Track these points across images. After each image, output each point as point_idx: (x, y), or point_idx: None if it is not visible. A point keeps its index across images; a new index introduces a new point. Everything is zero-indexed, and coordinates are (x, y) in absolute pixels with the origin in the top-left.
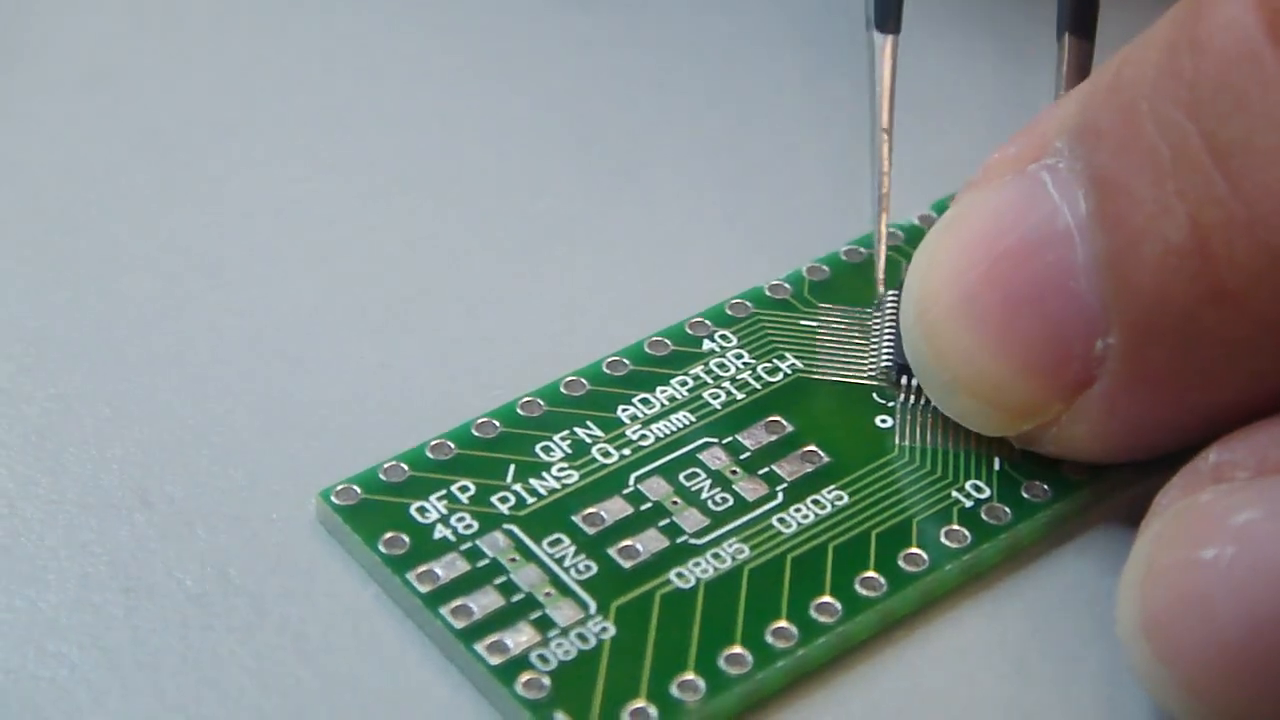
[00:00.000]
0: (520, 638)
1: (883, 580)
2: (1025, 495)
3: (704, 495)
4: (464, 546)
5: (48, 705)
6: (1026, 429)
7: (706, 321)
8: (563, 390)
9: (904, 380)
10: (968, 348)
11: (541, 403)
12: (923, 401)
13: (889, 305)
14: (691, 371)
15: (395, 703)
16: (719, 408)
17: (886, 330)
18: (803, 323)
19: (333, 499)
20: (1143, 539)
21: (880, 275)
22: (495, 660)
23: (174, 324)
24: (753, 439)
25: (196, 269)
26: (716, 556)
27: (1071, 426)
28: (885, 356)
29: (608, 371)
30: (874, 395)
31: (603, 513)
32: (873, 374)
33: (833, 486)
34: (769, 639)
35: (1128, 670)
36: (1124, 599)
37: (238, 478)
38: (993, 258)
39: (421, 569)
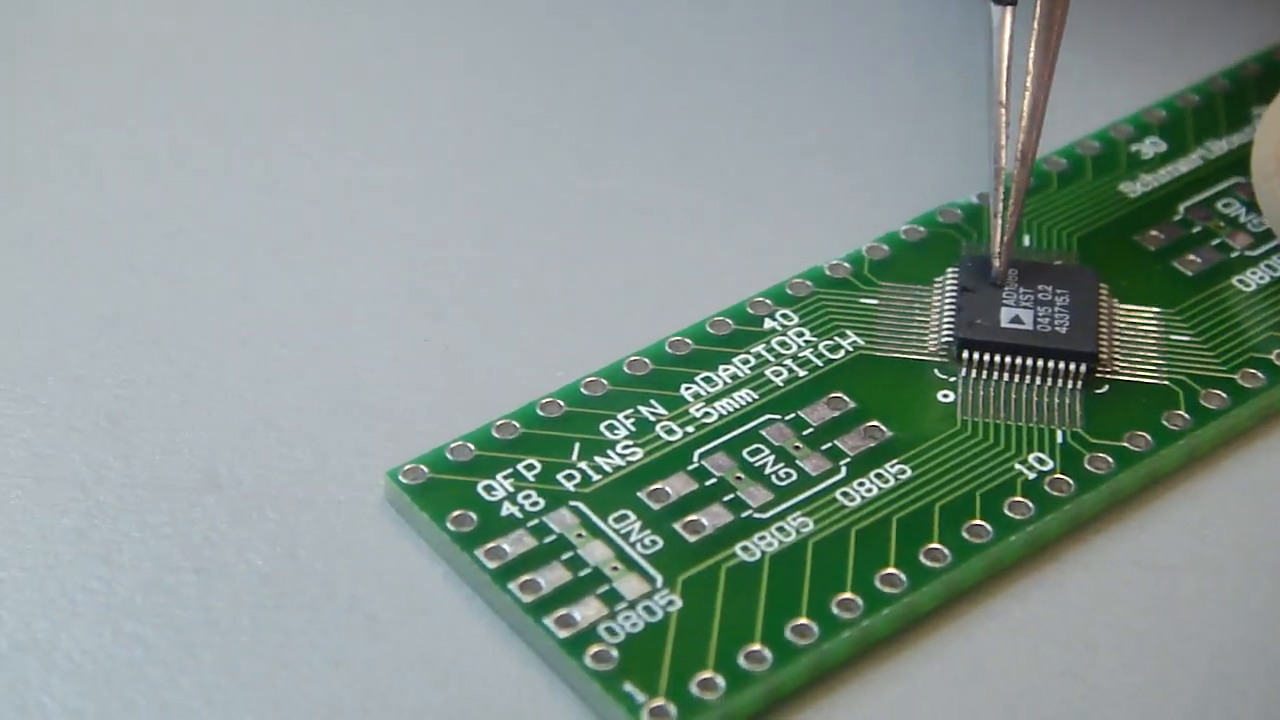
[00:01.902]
0: (588, 611)
1: (947, 552)
2: (1088, 467)
3: (768, 470)
4: (531, 523)
5: (124, 684)
6: None
7: (768, 301)
8: (626, 370)
9: (965, 355)
10: None
11: (605, 382)
12: (984, 375)
13: (950, 281)
14: (753, 350)
15: (464, 677)
16: (781, 385)
17: (948, 306)
18: (863, 301)
19: (401, 478)
20: None
21: (996, 249)
22: (563, 634)
23: (241, 309)
24: (815, 415)
25: (263, 254)
26: (781, 530)
27: None
28: (947, 331)
29: (670, 351)
30: (935, 371)
31: (667, 489)
32: (934, 349)
33: (895, 461)
34: (835, 610)
35: (1261, 208)
36: (1262, 142)
37: (306, 460)
38: None
39: (489, 545)
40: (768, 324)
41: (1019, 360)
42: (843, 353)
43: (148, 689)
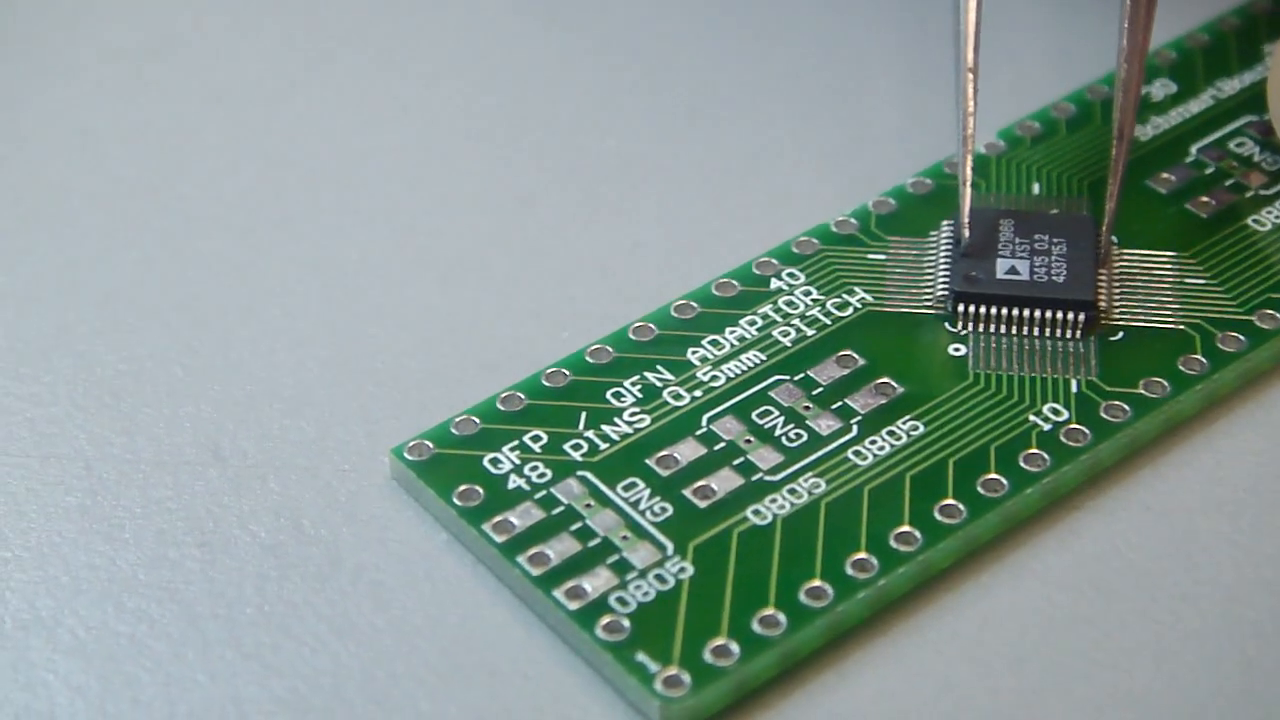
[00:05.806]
0: (598, 581)
1: (962, 507)
2: (1104, 416)
3: (778, 432)
4: (538, 495)
5: (128, 660)
6: None
7: (773, 260)
8: (631, 336)
9: (961, 308)
10: None
11: (610, 349)
12: (988, 329)
13: (945, 235)
14: (760, 311)
15: (471, 647)
16: (789, 345)
17: (942, 259)
18: (870, 257)
19: (406, 455)
20: None
21: (965, 215)
22: (574, 605)
23: (243, 281)
24: (825, 374)
25: (264, 225)
26: (793, 492)
27: None
28: (941, 285)
29: (676, 315)
30: (945, 325)
31: (676, 455)
32: (930, 303)
33: (908, 417)
34: (849, 570)
35: (1276, 131)
36: (1277, 65)
37: (309, 430)
38: None
39: (497, 519)
40: (774, 284)
41: (1018, 312)
42: (851, 310)
43: (151, 664)
